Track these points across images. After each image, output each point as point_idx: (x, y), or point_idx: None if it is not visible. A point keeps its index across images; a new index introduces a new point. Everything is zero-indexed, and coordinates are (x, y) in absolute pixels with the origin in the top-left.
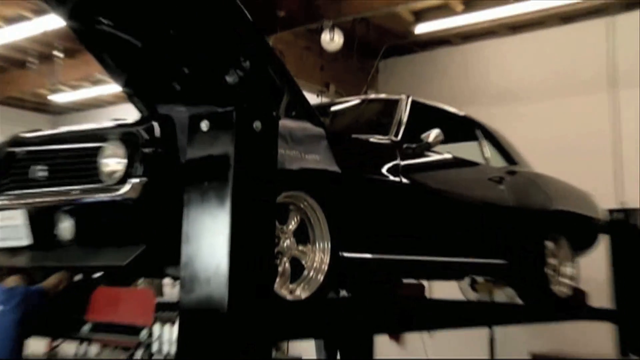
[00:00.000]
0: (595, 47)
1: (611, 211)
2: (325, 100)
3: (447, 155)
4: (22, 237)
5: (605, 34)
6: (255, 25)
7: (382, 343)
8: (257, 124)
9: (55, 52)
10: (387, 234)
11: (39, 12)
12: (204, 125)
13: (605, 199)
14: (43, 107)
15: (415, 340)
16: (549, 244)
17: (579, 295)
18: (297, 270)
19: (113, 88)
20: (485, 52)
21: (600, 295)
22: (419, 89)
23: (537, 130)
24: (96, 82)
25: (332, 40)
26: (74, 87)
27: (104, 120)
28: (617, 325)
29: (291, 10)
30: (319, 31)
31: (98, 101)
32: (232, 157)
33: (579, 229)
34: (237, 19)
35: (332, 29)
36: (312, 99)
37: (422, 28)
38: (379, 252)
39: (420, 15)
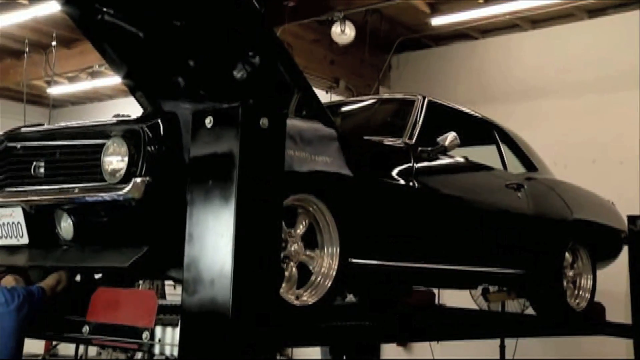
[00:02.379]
0: (627, 42)
1: (630, 218)
2: (335, 96)
3: (463, 160)
4: (21, 235)
5: (638, 26)
6: (266, 17)
7: (389, 347)
8: (264, 121)
9: (51, 42)
10: (398, 240)
11: None
12: (208, 121)
13: (632, 206)
14: (39, 100)
15: (422, 344)
16: (568, 255)
17: (596, 309)
18: (304, 275)
19: (111, 81)
20: (506, 47)
21: (621, 309)
22: (433, 86)
23: (559, 130)
24: (94, 74)
25: (343, 32)
26: (71, 79)
27: (103, 114)
28: (633, 340)
29: (300, 1)
30: (329, 23)
31: (96, 94)
32: (237, 155)
33: (600, 240)
34: (246, 11)
35: (342, 21)
36: (322, 95)
37: (439, 20)
38: (390, 259)
39: (436, 7)
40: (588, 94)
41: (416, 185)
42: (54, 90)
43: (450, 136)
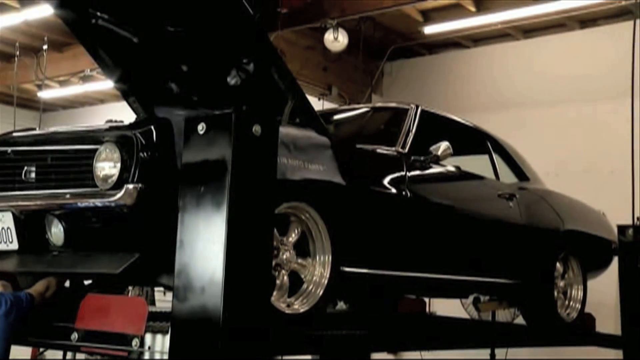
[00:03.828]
0: (618, 52)
1: (620, 227)
2: (327, 103)
3: (456, 170)
4: (11, 240)
5: (629, 37)
6: (260, 25)
7: (378, 354)
8: (256, 128)
9: (42, 45)
10: (390, 249)
11: (24, 1)
12: (201, 127)
13: (622, 216)
14: (29, 104)
15: (411, 352)
16: (559, 265)
17: (586, 319)
18: (296, 283)
19: (103, 85)
20: (498, 57)
21: (611, 319)
22: (425, 94)
23: (551, 140)
24: (85, 79)
25: (336, 40)
26: (62, 83)
27: (94, 119)
28: (623, 351)
29: (293, 7)
30: (323, 30)
31: (87, 98)
32: (229, 161)
33: (591, 251)
34: (240, 17)
35: (336, 28)
36: (314, 102)
37: (431, 29)
38: (381, 267)
39: (429, 15)
40: (579, 104)
41: (408, 194)
42: (45, 94)
43: (443, 145)
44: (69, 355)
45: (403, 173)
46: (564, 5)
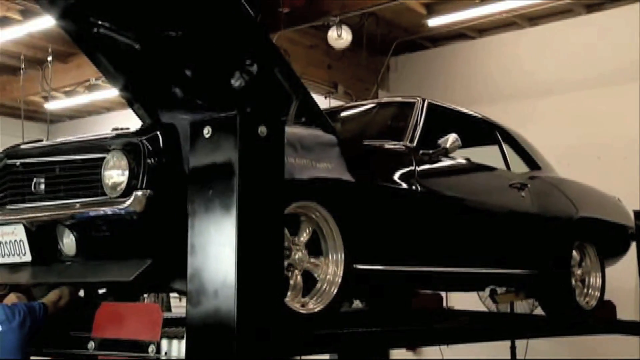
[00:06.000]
0: (626, 36)
1: (636, 212)
2: (334, 101)
3: (465, 161)
4: (24, 252)
5: (637, 20)
6: (262, 25)
7: (398, 350)
8: (262, 129)
9: (46, 57)
10: (403, 244)
11: (27, 13)
12: (206, 131)
13: (638, 201)
14: (36, 115)
15: (431, 347)
16: (575, 253)
17: (606, 307)
18: (309, 283)
19: (109, 94)
20: (504, 46)
21: (632, 306)
22: (432, 87)
23: (562, 128)
24: (91, 88)
25: (340, 37)
26: (68, 94)
27: (101, 128)
28: None
29: (295, 7)
30: (326, 28)
31: (94, 108)
32: (236, 164)
33: (607, 237)
34: (241, 18)
35: (339, 25)
36: (320, 100)
37: (435, 21)
38: (395, 263)
39: (433, 8)
40: (589, 90)
41: (419, 188)
42: (51, 105)
43: (452, 138)
44: None
45: (412, 167)
46: None
